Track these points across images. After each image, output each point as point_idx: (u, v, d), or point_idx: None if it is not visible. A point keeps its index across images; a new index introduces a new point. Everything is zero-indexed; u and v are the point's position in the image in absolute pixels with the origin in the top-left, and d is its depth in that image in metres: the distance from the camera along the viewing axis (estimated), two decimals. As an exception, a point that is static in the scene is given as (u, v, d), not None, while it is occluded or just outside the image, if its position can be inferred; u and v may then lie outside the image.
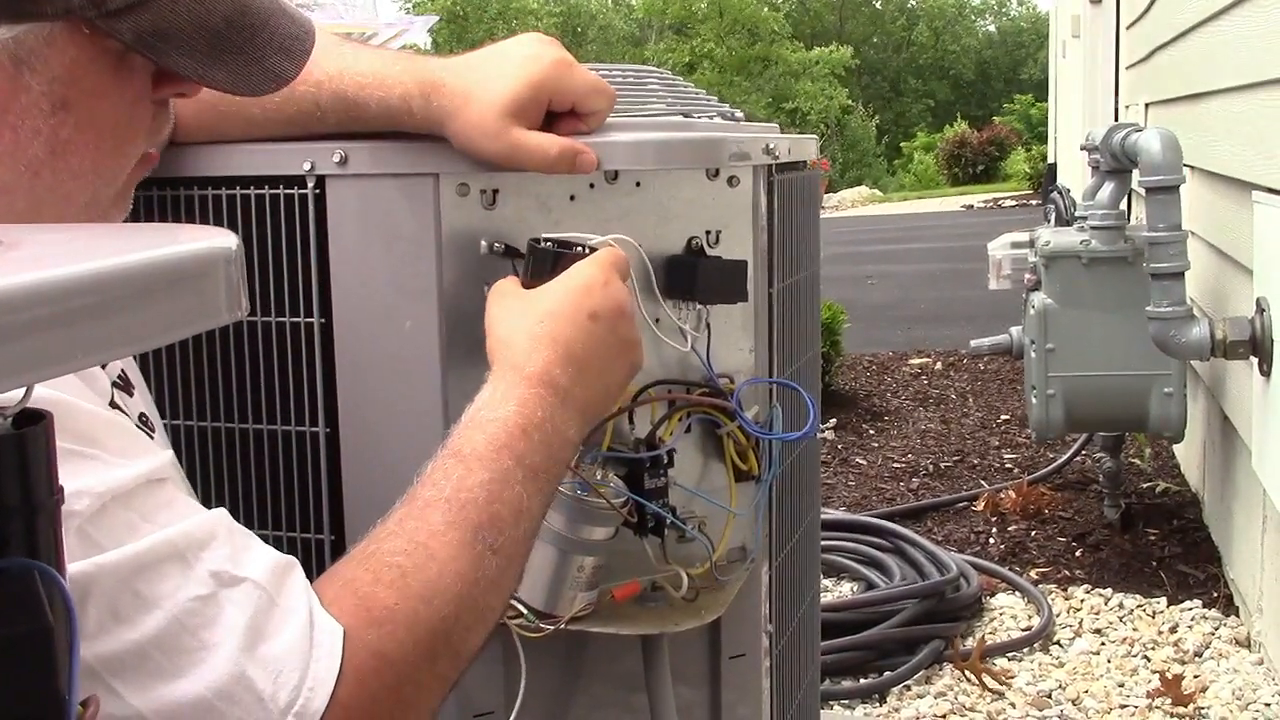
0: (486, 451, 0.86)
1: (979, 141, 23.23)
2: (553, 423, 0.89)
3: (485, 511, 0.83)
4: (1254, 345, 2.57)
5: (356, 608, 0.76)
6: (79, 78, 0.74)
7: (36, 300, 0.38)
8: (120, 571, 0.67)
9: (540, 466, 0.88)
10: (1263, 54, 2.66)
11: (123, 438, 0.73)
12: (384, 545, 0.80)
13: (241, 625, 0.70)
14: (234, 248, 0.45)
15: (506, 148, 0.98)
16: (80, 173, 0.77)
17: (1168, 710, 2.52)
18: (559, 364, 0.91)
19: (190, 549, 0.70)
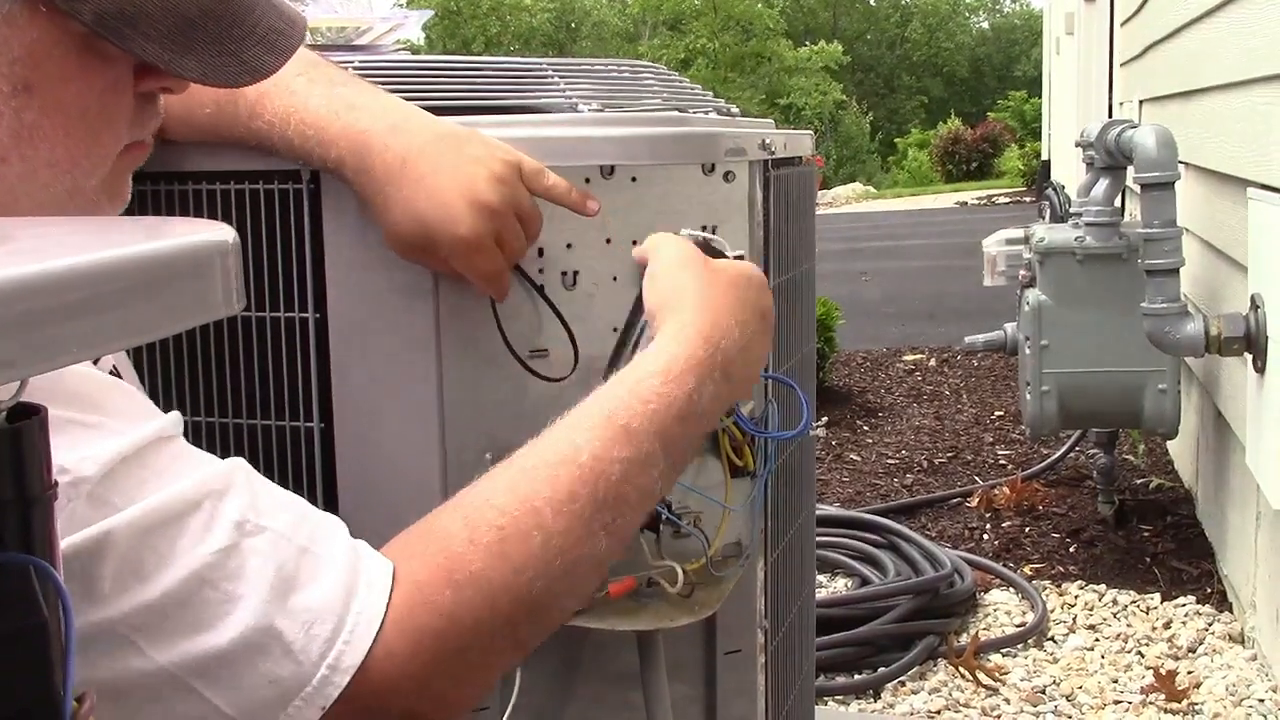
0: (641, 428, 0.83)
1: (973, 138, 23.24)
2: (711, 410, 0.88)
3: (615, 490, 0.80)
4: (1248, 341, 2.58)
5: (439, 566, 0.74)
6: (41, 60, 0.71)
7: (31, 293, 0.38)
8: (136, 528, 0.66)
9: (681, 457, 0.86)
10: (1257, 50, 2.66)
11: (125, 399, 0.71)
12: (494, 500, 0.78)
13: (268, 575, 0.69)
14: (231, 240, 0.45)
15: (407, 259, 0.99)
16: (54, 161, 0.74)
17: (1162, 706, 2.52)
18: (738, 352, 0.91)
19: (208, 499, 0.69)
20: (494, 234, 0.97)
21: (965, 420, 4.79)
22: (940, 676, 2.72)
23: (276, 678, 0.68)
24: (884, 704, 2.63)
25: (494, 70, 1.20)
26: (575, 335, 1.08)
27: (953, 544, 3.45)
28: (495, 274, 0.99)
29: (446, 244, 0.96)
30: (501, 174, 0.97)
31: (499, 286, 1.01)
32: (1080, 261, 3.18)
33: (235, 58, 0.76)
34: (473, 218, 0.95)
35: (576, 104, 1.14)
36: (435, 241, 0.96)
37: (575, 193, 1.03)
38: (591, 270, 1.10)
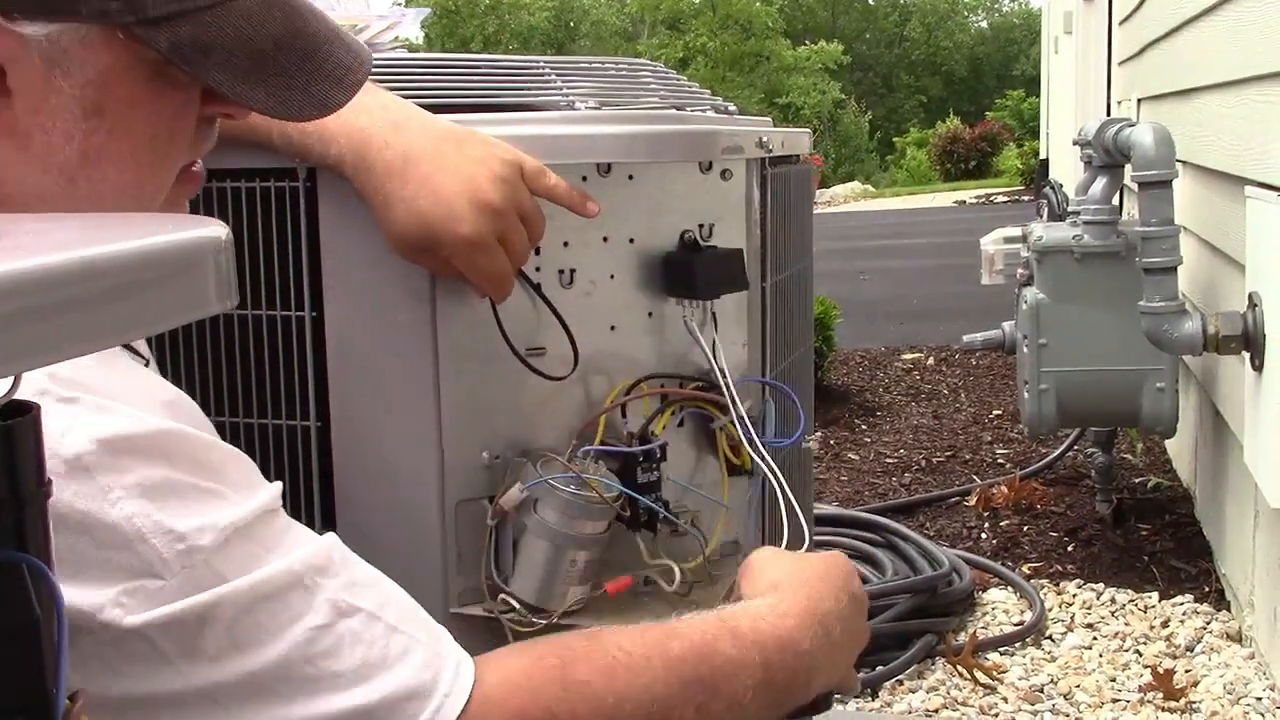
0: (747, 635, 0.88)
1: (971, 137, 23.25)
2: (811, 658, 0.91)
3: (715, 673, 0.84)
4: (1246, 340, 2.58)
5: (555, 667, 0.78)
6: (113, 85, 0.72)
7: (23, 289, 0.38)
8: (242, 600, 0.68)
9: (778, 684, 0.89)
10: (1255, 49, 2.66)
11: (239, 468, 0.73)
12: (620, 638, 0.83)
13: (360, 654, 0.71)
14: (224, 237, 0.45)
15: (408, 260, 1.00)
16: (120, 185, 0.75)
17: (1159, 705, 2.52)
18: (836, 618, 0.94)
19: (310, 576, 0.71)
20: (496, 234, 0.97)
21: (963, 419, 4.79)
22: (938, 675, 2.72)
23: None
24: (882, 702, 2.63)
25: (491, 68, 1.20)
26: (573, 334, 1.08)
27: (951, 543, 3.45)
28: (498, 275, 0.99)
29: (448, 243, 0.96)
30: (504, 174, 0.97)
31: (501, 288, 1.01)
32: (1078, 260, 3.18)
33: (304, 92, 0.77)
34: (475, 217, 0.95)
35: (574, 102, 1.14)
36: (437, 241, 0.96)
37: (576, 194, 1.03)
38: (588, 268, 1.10)
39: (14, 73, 0.70)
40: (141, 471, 0.66)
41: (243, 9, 0.73)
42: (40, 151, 0.72)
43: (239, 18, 0.73)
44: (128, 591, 0.65)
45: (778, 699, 0.90)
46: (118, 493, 0.65)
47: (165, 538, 0.66)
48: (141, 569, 0.65)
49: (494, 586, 1.05)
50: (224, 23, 0.72)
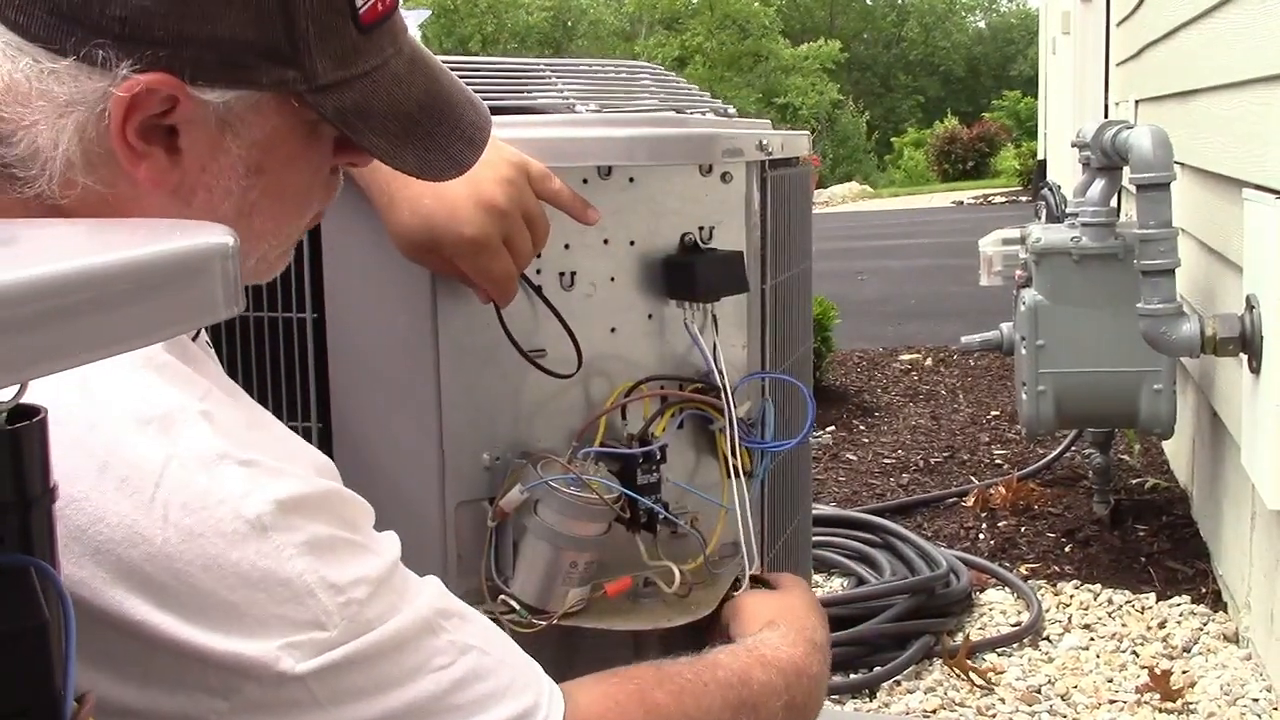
0: (771, 661, 0.98)
1: (969, 138, 23.26)
2: (818, 684, 1.02)
3: (754, 696, 0.94)
4: (1243, 342, 2.58)
5: (634, 691, 0.87)
6: (276, 145, 0.76)
7: (32, 296, 0.38)
8: (386, 646, 0.73)
9: (797, 704, 0.98)
10: (1253, 51, 2.67)
11: (370, 519, 0.79)
12: (677, 664, 0.92)
13: (478, 688, 0.77)
14: (230, 244, 0.45)
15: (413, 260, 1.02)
16: (261, 234, 0.80)
17: (1156, 705, 2.53)
18: (826, 644, 1.08)
19: (435, 620, 0.77)
20: (501, 235, 0.98)
21: (961, 420, 4.79)
22: (936, 676, 2.72)
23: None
24: (880, 703, 2.63)
25: (491, 70, 1.20)
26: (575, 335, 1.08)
27: (949, 543, 3.45)
28: (502, 277, 1.00)
29: (452, 244, 0.97)
30: (509, 176, 0.98)
31: (505, 290, 1.02)
32: (1076, 261, 3.19)
33: (444, 153, 0.82)
34: (480, 218, 0.96)
35: (574, 104, 1.14)
36: (441, 241, 0.97)
37: (578, 200, 1.03)
38: (589, 271, 1.10)
39: (187, 134, 0.73)
40: (309, 530, 0.72)
41: (393, 73, 0.78)
42: (201, 207, 0.76)
43: (390, 82, 0.78)
44: (296, 643, 0.70)
45: (793, 714, 0.98)
46: (289, 550, 0.70)
47: (329, 592, 0.71)
48: (310, 621, 0.70)
49: (494, 588, 1.05)
50: (379, 87, 0.77)
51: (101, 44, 0.69)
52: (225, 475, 0.69)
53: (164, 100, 0.71)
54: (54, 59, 0.70)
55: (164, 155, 0.73)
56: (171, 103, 0.72)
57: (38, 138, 0.71)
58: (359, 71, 0.76)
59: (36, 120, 0.71)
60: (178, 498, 0.68)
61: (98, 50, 0.69)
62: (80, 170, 0.72)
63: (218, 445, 0.70)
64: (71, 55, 0.69)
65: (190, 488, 0.68)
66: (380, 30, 0.77)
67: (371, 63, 0.77)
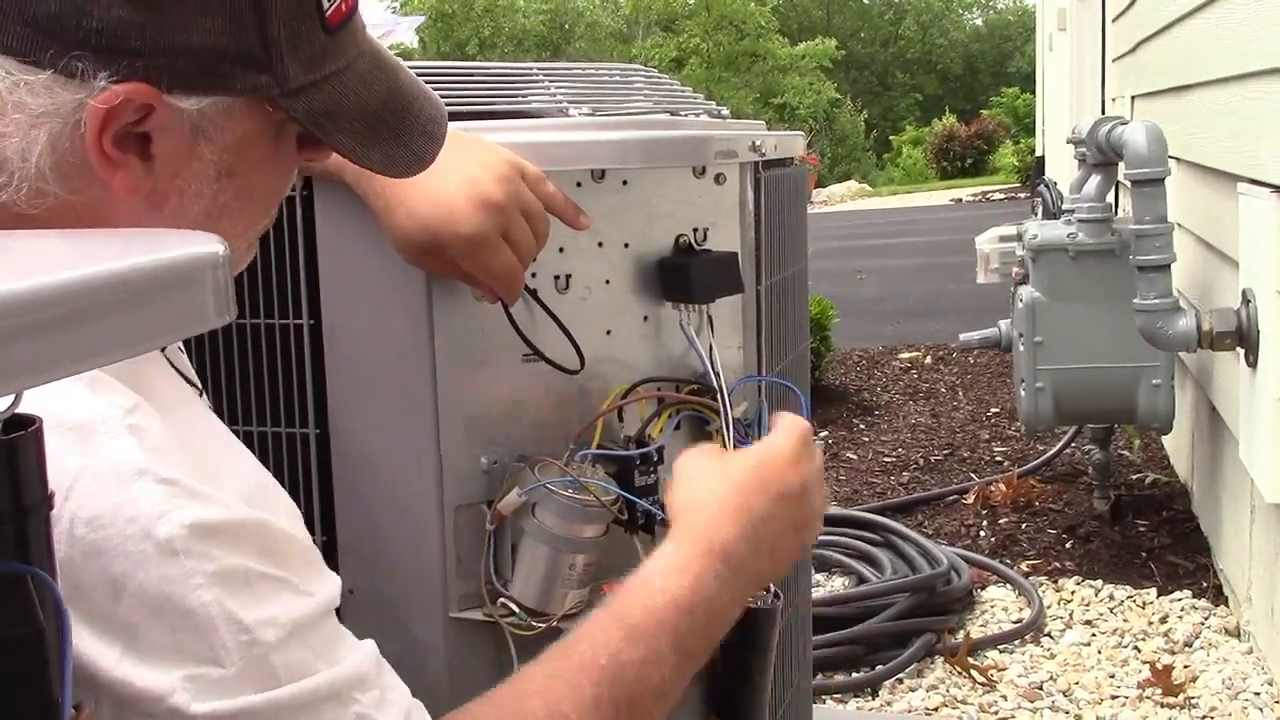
0: (647, 625, 0.87)
1: (967, 135, 23.25)
2: (720, 600, 0.91)
3: (630, 690, 0.85)
4: (1240, 336, 2.58)
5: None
6: (247, 148, 0.77)
7: (25, 306, 0.39)
8: (285, 706, 0.70)
9: (694, 649, 0.90)
10: (1248, 46, 2.67)
11: (306, 558, 0.75)
12: (527, 705, 0.83)
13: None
14: (221, 253, 0.45)
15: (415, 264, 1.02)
16: (229, 235, 0.77)
17: (1158, 700, 2.53)
18: (743, 539, 0.94)
19: (347, 690, 0.73)
20: (500, 230, 0.97)
21: (961, 417, 4.80)
22: (938, 673, 2.72)
23: None
24: (882, 702, 2.64)
25: (485, 75, 1.21)
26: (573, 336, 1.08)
27: (949, 541, 3.45)
28: (505, 272, 0.99)
29: (452, 244, 0.97)
30: (505, 173, 0.98)
31: (510, 286, 1.01)
32: (1073, 258, 3.19)
33: (406, 148, 0.82)
34: (477, 215, 0.96)
35: (567, 108, 1.15)
36: (440, 242, 0.97)
37: (570, 205, 1.03)
38: (584, 274, 1.10)
39: (160, 140, 0.73)
40: (224, 560, 0.68)
41: (358, 73, 0.79)
42: (172, 212, 0.76)
43: (356, 82, 0.79)
44: (191, 678, 0.67)
45: (697, 659, 0.90)
46: (198, 579, 0.67)
47: (232, 628, 0.68)
48: (205, 656, 0.67)
49: (493, 591, 1.06)
50: (346, 87, 0.78)
51: (79, 56, 0.69)
52: (141, 492, 0.66)
53: (139, 109, 0.71)
54: (30, 71, 0.69)
55: (138, 163, 0.73)
56: (146, 110, 0.71)
57: (7, 149, 0.71)
58: (327, 73, 0.77)
59: (8, 132, 0.70)
60: (85, 512, 0.65)
61: (76, 63, 0.69)
62: (52, 180, 0.72)
63: (139, 460, 0.67)
64: (49, 68, 0.69)
65: (101, 502, 0.66)
66: (345, 31, 0.78)
67: (338, 64, 0.78)
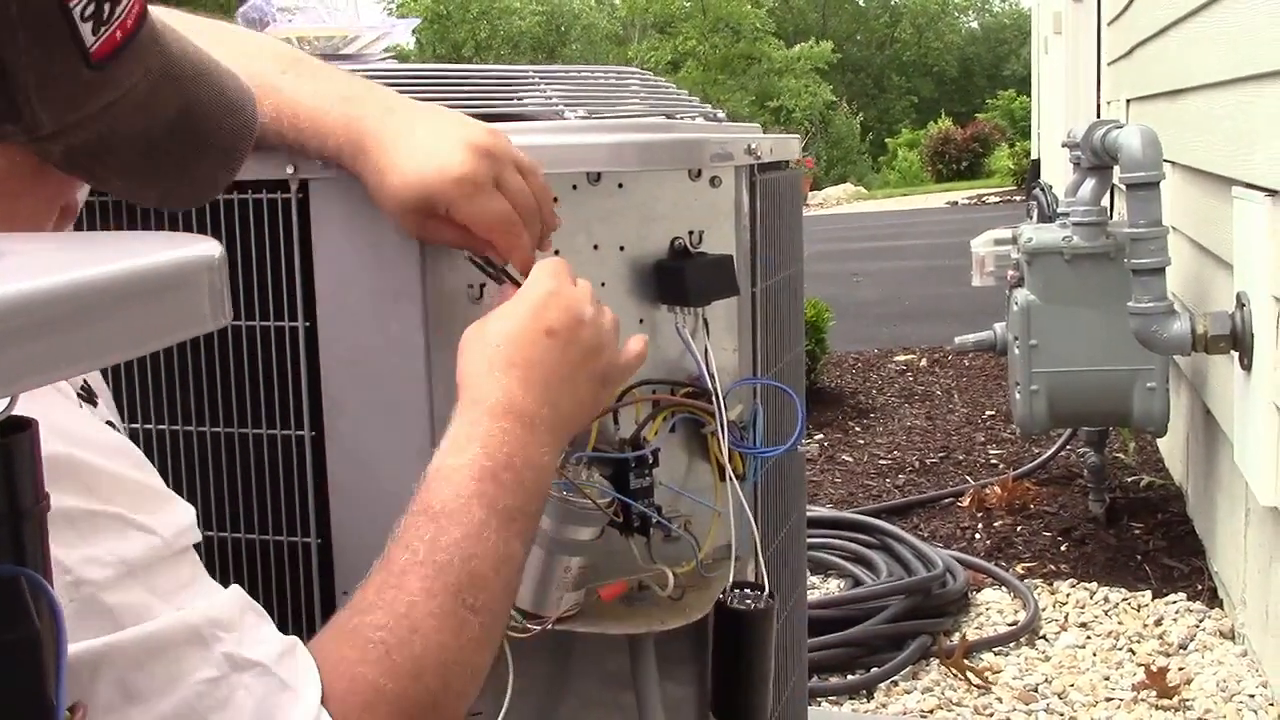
0: (455, 506, 0.83)
1: (963, 138, 23.28)
2: (523, 455, 0.87)
3: (462, 571, 0.81)
4: (1234, 339, 2.59)
5: (346, 691, 0.76)
6: (2, 183, 0.70)
7: (18, 310, 0.39)
8: (133, 652, 0.66)
9: (516, 507, 0.86)
10: (1242, 50, 2.68)
11: (142, 495, 0.71)
12: (365, 619, 0.79)
13: (250, 709, 0.70)
14: (217, 255, 0.45)
15: (416, 233, 0.99)
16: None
17: (1153, 703, 2.53)
18: (522, 389, 0.90)
19: (209, 629, 0.70)
20: (493, 175, 0.95)
21: (957, 420, 4.80)
22: (933, 676, 2.72)
23: None
24: (877, 704, 2.64)
25: (480, 78, 1.21)
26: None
27: (945, 544, 3.46)
28: (501, 220, 0.95)
29: (443, 191, 0.94)
30: (494, 130, 0.97)
31: (510, 236, 0.96)
32: (1068, 261, 3.20)
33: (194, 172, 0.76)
34: (466, 156, 0.94)
35: (563, 111, 1.15)
36: (432, 192, 0.94)
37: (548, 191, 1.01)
38: (579, 276, 1.10)
39: None
40: None
41: (134, 100, 0.71)
42: None
43: (131, 110, 0.71)
44: None
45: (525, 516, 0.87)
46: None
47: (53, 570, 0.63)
48: None
49: (488, 593, 1.06)
50: (117, 120, 0.71)
51: None
52: None
53: None
54: None
55: None
56: None
57: None
58: (94, 109, 0.69)
59: None
60: None
61: None
62: None
63: None
64: None
65: None
66: (121, 59, 0.69)
67: (109, 96, 0.70)
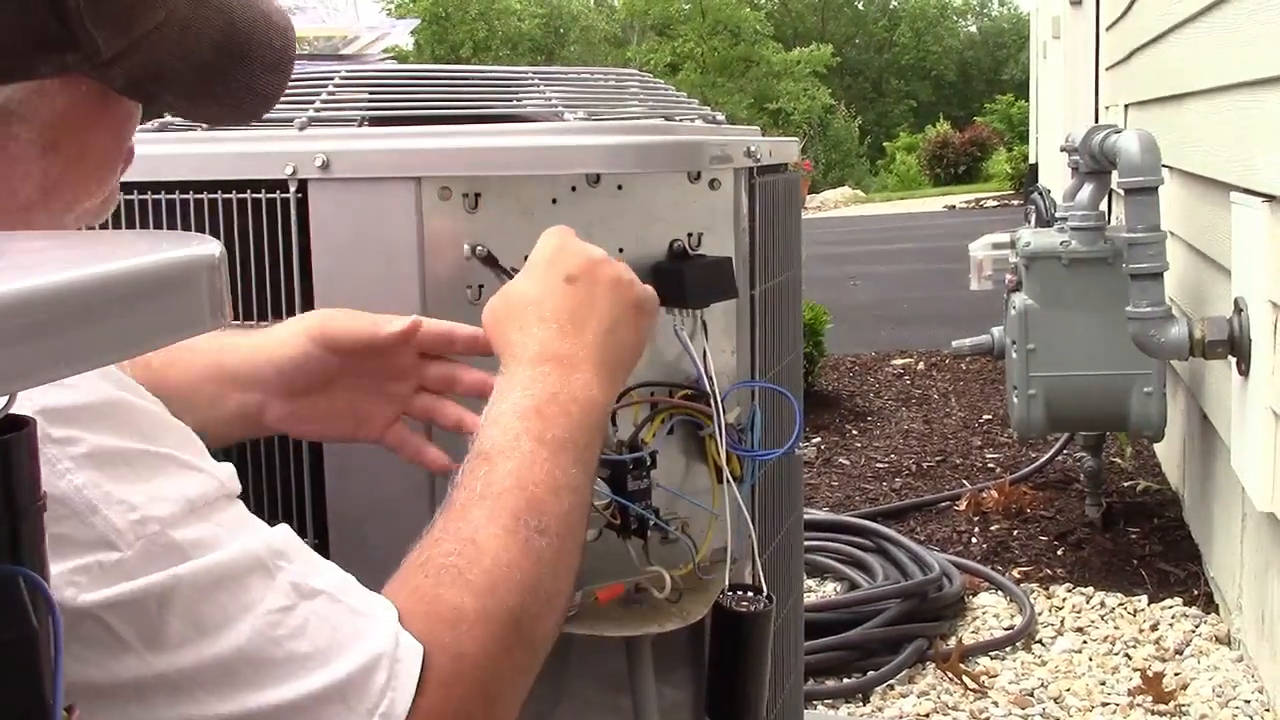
0: (505, 442, 0.86)
1: (961, 142, 23.31)
2: (567, 391, 0.89)
3: (519, 498, 0.83)
4: (1232, 345, 2.59)
5: (427, 614, 0.76)
6: (69, 121, 0.73)
7: (16, 309, 0.39)
8: (202, 581, 0.66)
9: (565, 437, 0.87)
10: (1239, 55, 2.68)
11: (194, 445, 0.71)
12: (435, 550, 0.80)
13: (325, 635, 0.70)
14: (216, 255, 0.45)
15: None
16: (73, 202, 0.76)
17: (1149, 708, 2.53)
18: (555, 337, 0.92)
19: (271, 559, 0.70)
20: None
21: (953, 424, 4.80)
22: (929, 680, 2.72)
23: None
24: (873, 707, 2.64)
25: (480, 79, 1.21)
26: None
27: (941, 547, 3.46)
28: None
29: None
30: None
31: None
32: (1066, 265, 3.20)
33: (249, 90, 0.78)
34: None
35: (562, 112, 1.15)
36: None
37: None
38: (578, 278, 1.10)
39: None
40: (91, 441, 0.64)
41: (181, 20, 0.73)
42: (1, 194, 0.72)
43: (180, 32, 0.72)
44: (82, 568, 0.62)
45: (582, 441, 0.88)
46: (66, 464, 0.63)
47: (119, 508, 0.63)
48: (96, 542, 0.63)
49: (485, 594, 1.05)
50: (167, 41, 0.72)
51: None
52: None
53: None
54: None
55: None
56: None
57: None
58: (143, 31, 0.70)
59: None
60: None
61: None
62: None
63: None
64: None
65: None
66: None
67: (155, 18, 0.71)
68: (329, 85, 1.16)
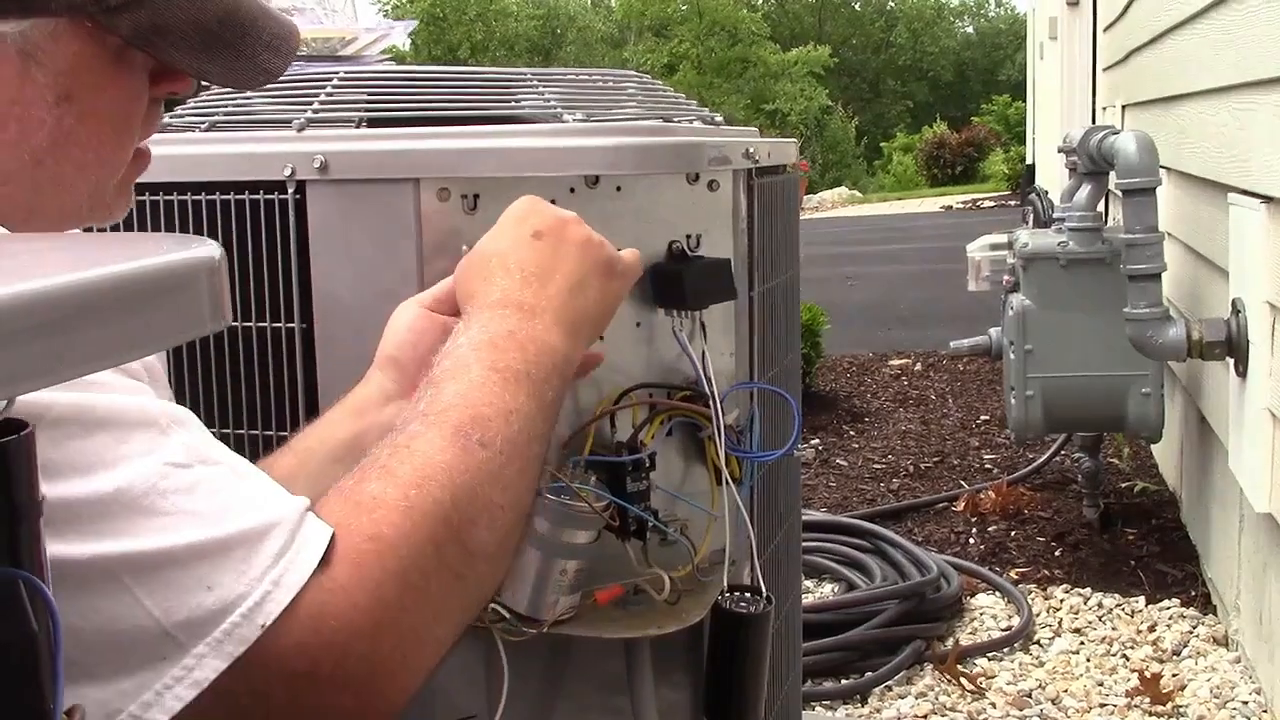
0: (455, 368, 0.85)
1: (958, 142, 23.31)
2: (525, 331, 0.89)
3: (464, 413, 0.82)
4: (1229, 346, 2.59)
5: (344, 502, 0.75)
6: (81, 71, 0.77)
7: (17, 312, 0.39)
8: (86, 417, 0.65)
9: (520, 369, 0.86)
10: (1238, 57, 2.68)
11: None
12: (366, 459, 0.80)
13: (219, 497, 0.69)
14: (217, 257, 0.45)
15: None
16: (83, 164, 0.80)
17: (1146, 709, 2.54)
18: (518, 286, 0.92)
19: (167, 421, 0.69)
20: None
21: (951, 425, 4.80)
22: (927, 681, 2.72)
23: (216, 583, 0.67)
24: (871, 709, 2.64)
25: (478, 80, 1.21)
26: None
27: (939, 548, 3.46)
28: None
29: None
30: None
31: None
32: (1063, 266, 3.20)
33: (250, 61, 0.83)
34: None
35: (560, 113, 1.15)
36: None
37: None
38: (577, 279, 1.10)
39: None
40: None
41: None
42: (13, 138, 0.76)
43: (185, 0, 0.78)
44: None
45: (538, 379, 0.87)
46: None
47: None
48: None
49: (484, 596, 1.05)
50: (173, 4, 0.77)
51: None
52: None
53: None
54: None
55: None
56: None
57: None
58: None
59: None
60: None
61: None
62: None
63: None
64: None
65: None
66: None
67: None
68: (327, 86, 1.16)
